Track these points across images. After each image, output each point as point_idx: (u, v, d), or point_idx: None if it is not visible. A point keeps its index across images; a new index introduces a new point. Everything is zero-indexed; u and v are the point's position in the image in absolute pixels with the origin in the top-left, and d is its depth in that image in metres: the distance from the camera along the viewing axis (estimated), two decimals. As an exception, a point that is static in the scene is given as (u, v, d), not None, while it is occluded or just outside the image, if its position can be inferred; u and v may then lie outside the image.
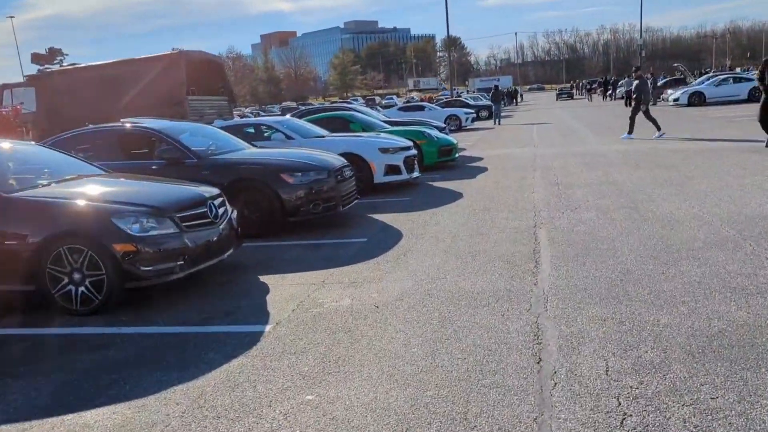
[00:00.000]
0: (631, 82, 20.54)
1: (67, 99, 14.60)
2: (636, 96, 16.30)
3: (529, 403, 3.01)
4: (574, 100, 57.58)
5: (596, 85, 58.61)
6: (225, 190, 6.41)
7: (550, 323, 4.00)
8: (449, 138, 14.38)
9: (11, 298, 5.09)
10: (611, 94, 47.21)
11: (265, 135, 10.98)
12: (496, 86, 32.61)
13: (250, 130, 11.20)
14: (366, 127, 13.31)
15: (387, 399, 3.17)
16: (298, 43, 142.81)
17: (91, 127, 8.30)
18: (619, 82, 43.90)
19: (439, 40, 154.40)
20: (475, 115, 30.84)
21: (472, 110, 30.83)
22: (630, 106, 17.42)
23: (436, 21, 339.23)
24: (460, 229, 7.08)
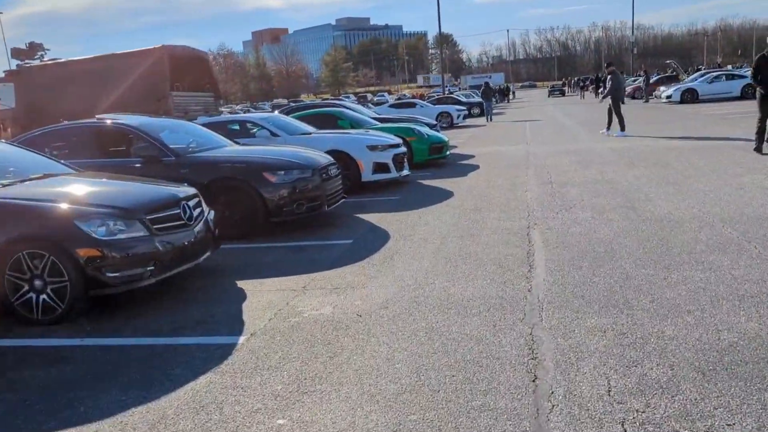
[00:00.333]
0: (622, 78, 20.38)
1: (48, 95, 14.21)
2: (609, 91, 16.40)
3: (523, 429, 2.70)
4: (566, 98, 57.39)
5: (588, 83, 58.36)
6: (204, 189, 6.09)
7: (545, 335, 3.69)
8: (440, 135, 14.09)
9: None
10: (603, 91, 46.97)
11: (251, 132, 10.63)
12: (486, 83, 32.28)
13: (235, 127, 10.86)
14: (355, 124, 12.98)
15: (366, 424, 2.86)
16: (289, 40, 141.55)
17: (65, 124, 7.94)
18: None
19: (431, 37, 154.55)
20: (466, 112, 30.56)
21: (464, 107, 30.54)
22: (623, 103, 17.24)
23: (428, 18, 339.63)
24: (450, 230, 6.77)
